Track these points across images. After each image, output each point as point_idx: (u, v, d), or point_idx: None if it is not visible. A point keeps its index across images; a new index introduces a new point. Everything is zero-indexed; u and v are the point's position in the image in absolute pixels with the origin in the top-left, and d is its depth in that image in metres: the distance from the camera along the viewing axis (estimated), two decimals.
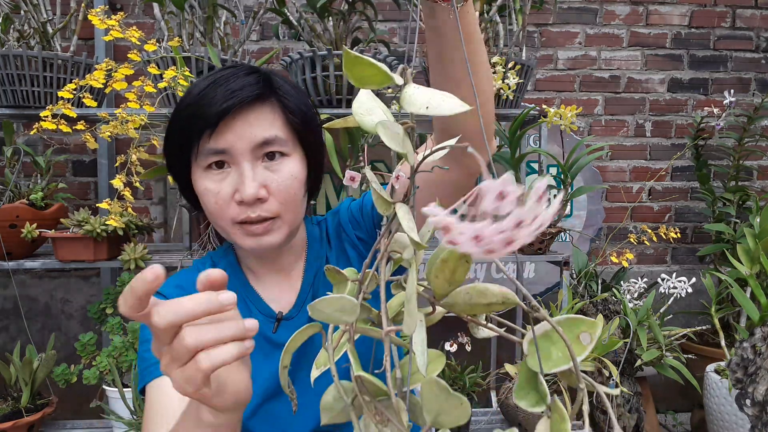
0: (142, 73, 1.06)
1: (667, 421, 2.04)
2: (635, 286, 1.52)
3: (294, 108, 0.72)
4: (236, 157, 0.69)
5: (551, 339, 0.31)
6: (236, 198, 0.69)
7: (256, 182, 0.68)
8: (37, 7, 1.40)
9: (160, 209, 1.99)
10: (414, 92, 0.31)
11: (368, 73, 0.30)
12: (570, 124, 1.37)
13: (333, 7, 1.44)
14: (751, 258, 1.45)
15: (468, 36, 0.60)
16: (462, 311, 0.33)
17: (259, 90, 0.69)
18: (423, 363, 0.30)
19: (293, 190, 0.71)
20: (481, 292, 0.32)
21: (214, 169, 0.70)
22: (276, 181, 0.70)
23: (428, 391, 0.30)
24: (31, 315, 1.92)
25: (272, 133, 0.69)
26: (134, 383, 1.22)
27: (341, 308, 0.33)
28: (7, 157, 1.41)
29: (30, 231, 1.30)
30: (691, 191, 2.16)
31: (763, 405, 1.07)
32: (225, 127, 0.68)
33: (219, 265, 0.82)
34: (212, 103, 0.67)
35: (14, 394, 1.32)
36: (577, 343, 0.31)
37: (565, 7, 2.08)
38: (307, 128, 0.74)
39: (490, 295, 0.32)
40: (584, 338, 0.31)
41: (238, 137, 0.68)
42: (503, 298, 0.32)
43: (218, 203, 0.70)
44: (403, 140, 0.32)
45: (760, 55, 2.14)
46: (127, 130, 0.89)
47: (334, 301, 0.33)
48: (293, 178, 0.71)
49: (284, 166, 0.71)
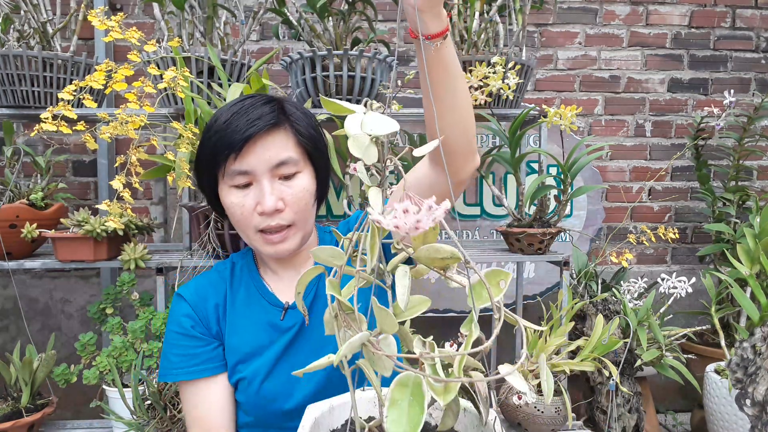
0: (142, 73, 1.06)
1: (667, 421, 2.04)
2: (635, 286, 1.52)
3: (304, 131, 0.86)
4: (257, 176, 0.83)
5: (483, 286, 0.45)
6: (258, 209, 0.83)
7: (274, 196, 0.82)
8: (37, 7, 1.40)
9: (160, 209, 1.99)
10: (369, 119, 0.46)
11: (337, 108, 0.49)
12: (570, 124, 1.37)
13: (333, 7, 1.44)
14: (751, 258, 1.45)
15: (448, 66, 0.77)
16: (425, 262, 0.48)
17: (274, 119, 0.83)
18: (403, 302, 0.45)
19: (305, 201, 0.85)
20: (436, 249, 0.46)
21: (239, 188, 0.84)
22: (291, 194, 0.84)
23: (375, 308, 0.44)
24: (31, 315, 1.92)
25: (286, 155, 0.83)
26: (134, 383, 1.22)
27: (332, 255, 0.49)
28: (7, 157, 1.41)
29: (30, 231, 1.30)
30: (691, 191, 2.16)
31: (763, 405, 1.07)
32: (247, 151, 0.81)
33: (237, 265, 0.97)
34: (236, 130, 0.81)
35: (14, 394, 1.32)
36: (497, 287, 0.46)
37: (565, 7, 2.08)
38: (315, 148, 0.88)
39: (442, 251, 0.46)
40: (502, 284, 0.46)
41: (258, 159, 0.82)
42: (451, 254, 0.46)
43: (243, 214, 0.84)
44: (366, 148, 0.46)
45: (760, 55, 2.14)
46: (127, 131, 0.89)
47: (329, 250, 0.49)
48: (305, 191, 0.85)
49: (297, 182, 0.85)
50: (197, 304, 0.91)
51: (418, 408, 0.42)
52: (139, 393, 1.21)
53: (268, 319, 0.91)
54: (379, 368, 0.46)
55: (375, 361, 0.45)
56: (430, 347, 0.47)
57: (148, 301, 1.37)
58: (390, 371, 0.45)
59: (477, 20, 1.41)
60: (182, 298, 0.92)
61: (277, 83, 1.91)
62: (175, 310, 0.92)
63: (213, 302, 0.92)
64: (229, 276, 0.95)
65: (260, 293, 0.93)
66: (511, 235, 1.45)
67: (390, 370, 0.45)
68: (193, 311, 0.91)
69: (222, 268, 0.97)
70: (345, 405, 0.65)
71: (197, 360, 0.88)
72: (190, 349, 0.88)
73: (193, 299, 0.91)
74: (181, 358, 0.88)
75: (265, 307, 0.92)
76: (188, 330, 0.89)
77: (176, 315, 0.91)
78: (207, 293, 0.92)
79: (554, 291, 1.97)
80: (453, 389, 0.43)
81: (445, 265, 0.48)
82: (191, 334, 0.89)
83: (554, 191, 1.52)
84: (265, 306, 0.92)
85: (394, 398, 0.43)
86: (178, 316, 0.90)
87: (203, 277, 0.96)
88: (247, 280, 0.95)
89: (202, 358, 0.88)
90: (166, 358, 0.90)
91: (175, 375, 0.88)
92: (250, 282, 0.95)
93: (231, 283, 0.94)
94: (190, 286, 0.94)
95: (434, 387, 0.43)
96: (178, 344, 0.89)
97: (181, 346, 0.89)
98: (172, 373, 0.88)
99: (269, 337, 0.90)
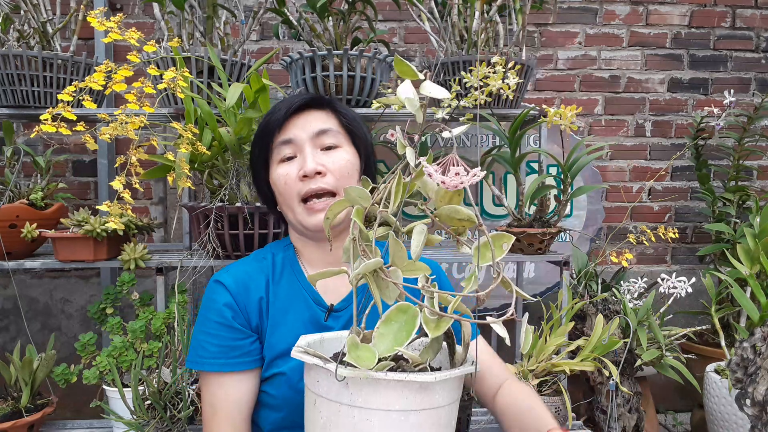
0: (142, 73, 1.06)
1: (667, 421, 2.04)
2: (635, 286, 1.52)
3: (346, 113, 0.93)
4: (300, 145, 0.89)
5: (488, 247, 0.53)
6: (300, 173, 0.87)
7: (315, 160, 0.87)
8: (37, 7, 1.40)
9: (160, 209, 1.99)
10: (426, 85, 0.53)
11: (405, 68, 0.55)
12: (570, 124, 1.37)
13: (333, 7, 1.44)
14: (751, 258, 1.45)
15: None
16: (444, 221, 0.55)
17: (316, 101, 0.91)
18: (415, 252, 0.53)
19: (347, 170, 0.89)
20: (456, 210, 0.54)
21: (285, 161, 0.90)
22: (332, 162, 0.88)
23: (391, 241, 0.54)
24: (31, 315, 1.92)
25: (327, 125, 0.90)
26: (134, 383, 1.22)
27: (360, 195, 0.57)
28: (7, 157, 1.41)
29: (30, 231, 1.30)
30: (691, 191, 2.16)
31: (763, 405, 1.07)
32: (290, 123, 0.90)
33: (277, 257, 0.96)
34: (278, 110, 0.91)
35: (14, 394, 1.32)
36: (500, 249, 0.55)
37: (565, 7, 2.08)
38: (359, 129, 0.93)
39: (461, 213, 0.53)
40: (504, 246, 0.55)
41: (300, 129, 0.89)
42: (468, 216, 0.53)
43: (287, 183, 0.88)
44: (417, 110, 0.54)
45: (760, 55, 2.14)
46: (127, 131, 0.89)
47: (358, 190, 0.57)
48: (346, 161, 0.89)
49: (338, 153, 0.90)
50: (239, 294, 0.89)
51: (405, 334, 0.49)
52: (139, 393, 1.21)
53: (312, 317, 0.90)
54: (386, 295, 0.52)
55: (382, 288, 0.52)
56: (432, 285, 0.52)
57: (148, 301, 1.37)
58: (393, 299, 0.52)
59: (477, 20, 1.41)
60: (223, 285, 0.89)
61: (277, 83, 1.91)
62: (214, 298, 0.89)
63: (256, 295, 0.89)
64: (270, 268, 0.93)
65: (305, 290, 0.92)
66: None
67: (394, 299, 0.52)
68: (234, 301, 0.88)
69: (261, 258, 0.95)
70: (334, 339, 0.72)
71: (236, 353, 0.86)
72: (230, 341, 0.86)
73: (234, 288, 0.89)
74: (219, 349, 0.86)
75: (309, 305, 0.91)
76: (229, 320, 0.87)
77: (216, 303, 0.88)
78: (249, 284, 0.90)
79: (554, 291, 1.97)
80: (443, 326, 0.49)
81: (461, 228, 0.55)
82: (232, 325, 0.87)
83: (554, 191, 1.52)
84: (310, 304, 0.91)
85: (390, 318, 0.50)
86: (219, 304, 0.88)
87: (242, 264, 0.94)
88: (289, 275, 0.93)
89: (240, 351, 0.86)
90: (202, 346, 0.87)
91: (210, 365, 0.86)
92: (293, 277, 0.93)
93: (272, 275, 0.92)
94: (231, 274, 0.91)
95: (428, 319, 0.49)
96: (218, 334, 0.86)
97: (220, 337, 0.86)
98: (209, 362, 0.86)
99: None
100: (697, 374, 1.39)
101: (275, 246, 0.99)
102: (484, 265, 0.53)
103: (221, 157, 1.22)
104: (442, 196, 0.54)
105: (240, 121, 1.15)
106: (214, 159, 1.21)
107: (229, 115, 1.16)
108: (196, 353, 0.88)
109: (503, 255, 0.53)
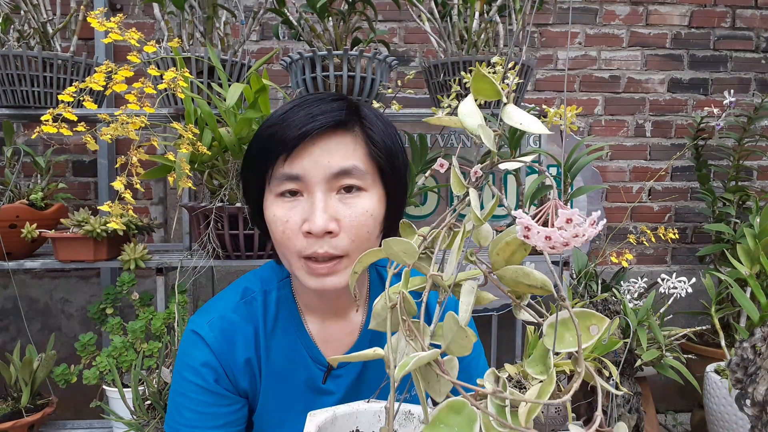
0: (142, 73, 1.06)
1: (667, 421, 2.04)
2: (635, 286, 1.52)
3: (378, 140, 0.68)
4: (310, 186, 0.65)
5: (567, 326, 0.38)
6: (304, 228, 0.65)
7: (327, 214, 0.64)
8: (37, 7, 1.40)
9: (160, 209, 1.99)
10: (512, 110, 0.40)
11: (485, 86, 0.41)
12: (570, 124, 1.37)
13: (333, 7, 1.44)
14: (751, 258, 1.45)
15: None
16: (507, 284, 0.41)
17: (341, 117, 0.66)
18: (464, 319, 0.39)
19: (367, 228, 0.67)
20: (526, 273, 0.40)
21: (286, 197, 0.67)
22: (349, 216, 0.65)
23: (447, 322, 0.39)
24: (31, 315, 1.92)
25: (351, 163, 0.66)
26: (134, 383, 1.22)
27: (405, 250, 0.43)
28: (7, 157, 1.41)
29: (30, 231, 1.30)
30: (691, 191, 2.16)
31: (763, 405, 1.07)
32: (302, 152, 0.65)
33: (270, 297, 0.76)
34: (291, 126, 0.64)
35: (14, 394, 1.32)
36: (586, 333, 0.38)
37: (565, 7, 2.08)
38: (390, 163, 0.69)
39: (532, 278, 0.40)
40: (593, 330, 0.38)
41: (314, 164, 0.65)
42: (542, 283, 0.40)
43: (286, 233, 0.66)
44: (494, 142, 0.41)
45: (760, 55, 2.14)
46: (128, 131, 0.89)
47: (402, 243, 0.43)
48: (368, 215, 0.67)
49: (360, 201, 0.66)
50: (223, 352, 0.72)
51: None
52: (139, 393, 1.21)
53: (309, 379, 0.75)
54: (433, 390, 0.40)
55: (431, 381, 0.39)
56: (503, 385, 0.39)
57: (148, 301, 1.37)
58: (443, 396, 0.39)
59: (477, 20, 1.41)
60: (202, 339, 0.72)
61: (277, 83, 1.91)
62: (191, 354, 0.72)
63: (244, 353, 0.73)
64: (261, 314, 0.75)
65: (303, 346, 0.75)
66: None
67: (444, 395, 0.39)
68: (217, 360, 0.71)
69: (250, 299, 0.76)
70: (349, 415, 0.59)
71: (218, 422, 0.72)
72: (212, 407, 0.71)
73: (217, 344, 0.72)
74: (198, 416, 0.71)
75: (307, 365, 0.75)
76: (210, 384, 0.71)
77: (193, 360, 0.72)
78: (234, 338, 0.73)
79: None
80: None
81: (527, 293, 0.43)
82: (214, 390, 0.71)
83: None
84: (308, 363, 0.75)
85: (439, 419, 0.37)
86: (197, 363, 0.71)
87: (226, 308, 0.75)
88: (285, 325, 0.76)
89: (224, 420, 0.72)
90: (177, 410, 0.72)
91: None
92: (291, 328, 0.76)
93: (264, 324, 0.75)
94: (213, 324, 0.73)
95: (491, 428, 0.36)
96: (196, 399, 0.71)
97: (199, 402, 0.71)
98: (185, 430, 0.71)
99: (306, 400, 0.75)
100: (697, 374, 1.39)
101: (267, 277, 0.79)
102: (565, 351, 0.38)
103: (221, 158, 1.22)
104: (502, 248, 0.41)
105: (240, 121, 1.15)
106: (214, 159, 1.21)
107: (229, 115, 1.16)
108: (172, 417, 0.73)
109: (592, 341, 0.38)
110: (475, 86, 0.41)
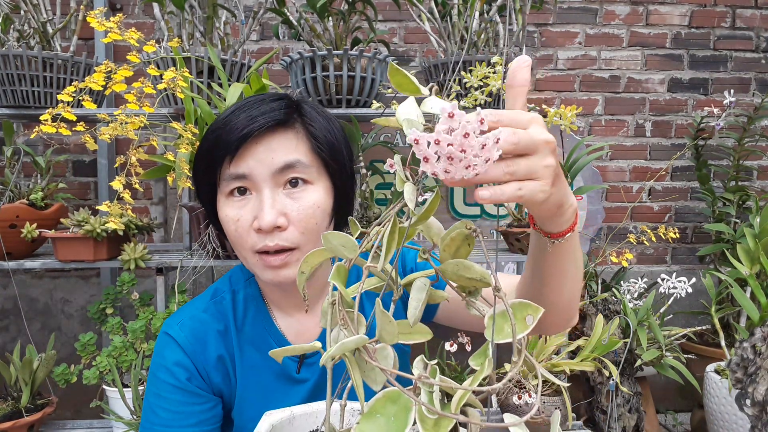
0: (142, 73, 1.06)
1: (667, 421, 2.04)
2: (635, 286, 1.52)
3: (320, 135, 0.71)
4: (257, 183, 0.68)
5: (506, 318, 0.38)
6: (255, 225, 0.67)
7: (274, 210, 0.67)
8: (37, 7, 1.40)
9: (160, 209, 1.99)
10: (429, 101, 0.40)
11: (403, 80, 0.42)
12: (570, 124, 1.37)
13: (333, 7, 1.44)
14: (751, 258, 1.45)
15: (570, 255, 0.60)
16: (451, 278, 0.42)
17: (281, 116, 0.68)
18: (413, 315, 0.41)
19: (315, 219, 0.69)
20: (466, 267, 0.41)
21: (236, 196, 0.70)
22: (297, 209, 0.68)
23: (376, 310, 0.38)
24: (31, 315, 1.92)
25: (294, 157, 0.68)
26: (134, 383, 1.22)
27: (344, 244, 0.42)
28: (7, 157, 1.41)
29: (30, 231, 1.30)
30: (691, 191, 2.16)
31: (763, 405, 1.07)
32: (246, 152, 0.67)
33: (238, 296, 0.80)
34: (233, 129, 0.67)
35: (14, 394, 1.32)
36: (522, 323, 0.39)
37: (565, 7, 2.08)
38: (334, 158, 0.72)
39: (473, 271, 0.41)
40: (528, 320, 0.39)
41: (259, 162, 0.67)
42: (481, 276, 0.41)
43: (238, 231, 0.69)
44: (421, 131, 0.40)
45: (760, 55, 2.13)
46: (127, 131, 0.89)
47: (341, 237, 0.42)
48: (316, 207, 0.69)
49: (307, 194, 0.69)
50: (194, 351, 0.74)
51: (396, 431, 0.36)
52: (139, 393, 1.21)
53: (283, 370, 0.77)
54: (369, 379, 0.40)
55: (366, 370, 0.40)
56: (431, 372, 0.39)
57: (148, 301, 1.37)
58: (380, 385, 0.39)
59: (477, 20, 1.41)
60: (173, 340, 0.75)
61: (277, 83, 1.91)
62: (164, 354, 0.75)
63: (216, 352, 0.75)
64: (230, 312, 0.78)
65: (273, 339, 0.78)
66: (511, 235, 1.45)
67: (381, 384, 0.39)
68: (188, 359, 0.74)
69: (219, 299, 0.79)
70: (307, 415, 0.59)
71: (192, 420, 0.73)
72: (185, 406, 0.73)
73: (188, 344, 0.74)
74: (172, 415, 0.72)
75: None
76: (182, 383, 0.73)
77: (166, 361, 0.74)
78: (206, 336, 0.76)
79: None
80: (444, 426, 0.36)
81: (472, 287, 0.43)
82: (187, 388, 0.73)
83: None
84: None
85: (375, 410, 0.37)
86: (169, 363, 0.74)
87: (197, 309, 0.78)
88: (254, 319, 0.79)
89: (197, 419, 0.73)
90: (153, 411, 0.73)
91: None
92: (260, 323, 0.79)
93: (234, 320, 0.78)
94: (184, 324, 0.76)
95: (424, 417, 0.36)
96: (170, 398, 0.73)
97: (172, 401, 0.73)
98: (160, 430, 0.73)
99: (282, 391, 0.77)
100: (697, 374, 1.39)
101: (235, 278, 0.83)
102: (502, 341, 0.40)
103: None
104: (448, 244, 0.42)
105: None
106: None
107: None
108: (147, 418, 0.74)
109: (527, 331, 0.39)
110: (394, 80, 0.42)
